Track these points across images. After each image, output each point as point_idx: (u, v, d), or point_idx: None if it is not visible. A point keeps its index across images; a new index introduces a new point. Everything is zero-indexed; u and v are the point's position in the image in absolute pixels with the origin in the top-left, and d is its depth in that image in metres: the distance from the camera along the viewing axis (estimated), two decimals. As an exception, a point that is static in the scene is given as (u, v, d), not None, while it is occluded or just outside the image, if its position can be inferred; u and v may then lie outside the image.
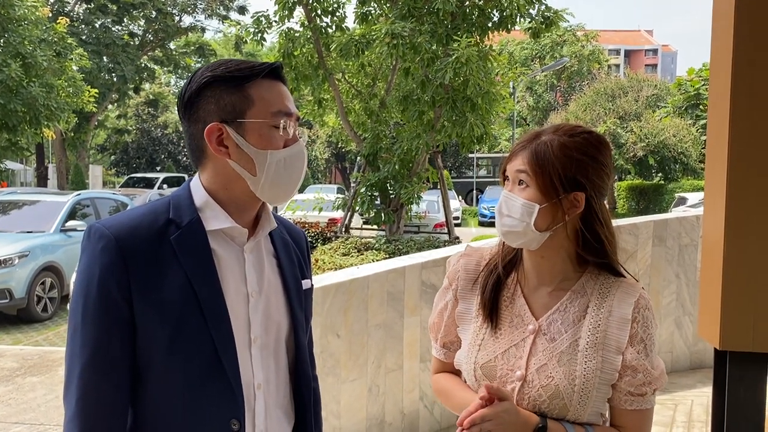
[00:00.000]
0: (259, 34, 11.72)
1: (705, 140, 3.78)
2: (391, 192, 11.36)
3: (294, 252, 1.38)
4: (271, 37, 12.16)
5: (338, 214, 13.62)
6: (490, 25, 11.18)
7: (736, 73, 3.74)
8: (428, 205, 13.56)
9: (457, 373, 1.50)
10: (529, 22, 11.44)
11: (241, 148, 1.22)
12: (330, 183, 36.85)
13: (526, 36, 12.77)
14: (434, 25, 10.57)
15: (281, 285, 1.31)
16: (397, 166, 10.86)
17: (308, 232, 12.13)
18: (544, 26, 11.33)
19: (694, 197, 17.75)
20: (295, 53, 11.36)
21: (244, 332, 1.23)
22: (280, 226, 1.37)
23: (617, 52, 56.45)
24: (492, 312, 1.41)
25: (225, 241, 1.25)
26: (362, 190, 11.45)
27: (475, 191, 28.78)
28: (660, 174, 25.16)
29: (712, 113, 4.02)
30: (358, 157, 12.83)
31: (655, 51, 61.62)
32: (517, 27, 11.80)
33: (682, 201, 18.05)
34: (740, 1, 3.55)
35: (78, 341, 1.16)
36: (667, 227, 5.10)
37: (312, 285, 1.43)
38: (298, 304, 1.32)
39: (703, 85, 24.22)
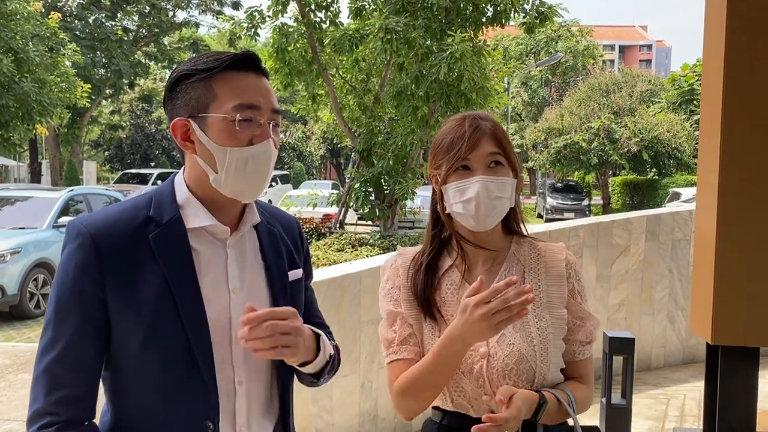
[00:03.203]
0: (253, 30, 11.70)
1: (699, 135, 3.78)
2: (385, 188, 11.36)
3: (282, 243, 1.34)
4: (265, 33, 12.18)
5: (333, 209, 13.60)
6: (484, 20, 11.17)
7: (728, 69, 3.73)
8: (423, 200, 13.58)
9: None
10: (524, 17, 11.44)
11: (203, 143, 1.19)
12: (325, 179, 36.82)
13: (520, 31, 12.75)
14: (428, 20, 10.55)
15: (266, 281, 1.29)
16: (391, 162, 10.86)
17: (303, 228, 12.11)
18: (538, 21, 11.33)
19: (687, 192, 17.81)
20: (289, 48, 11.33)
21: (225, 329, 1.22)
22: (269, 217, 1.35)
23: (612, 47, 56.51)
24: (432, 309, 1.45)
25: (206, 238, 1.23)
26: (356, 185, 11.44)
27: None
28: (654, 169, 25.22)
29: (705, 109, 4.01)
30: (353, 153, 12.81)
31: (649, 46, 61.72)
32: (511, 22, 11.80)
33: (676, 196, 18.11)
34: (732, -5, 3.50)
35: (49, 336, 1.16)
36: (660, 222, 5.11)
37: (304, 275, 1.39)
38: (283, 298, 1.29)
39: (697, 80, 24.29)
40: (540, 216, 25.30)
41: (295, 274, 1.34)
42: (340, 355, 1.40)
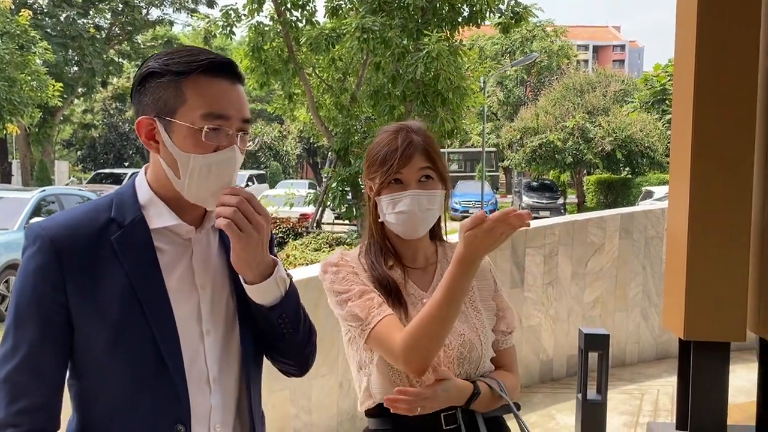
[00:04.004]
0: (228, 28, 11.63)
1: (671, 135, 3.84)
2: (362, 187, 11.35)
3: None
4: (241, 31, 12.07)
5: (310, 209, 13.57)
6: (460, 20, 11.24)
7: (699, 69, 3.79)
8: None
9: None
10: (499, 17, 11.53)
11: (167, 146, 1.17)
12: (301, 178, 36.69)
13: (496, 31, 12.85)
14: (404, 19, 10.58)
15: (229, 277, 1.27)
16: (368, 161, 10.86)
17: (279, 228, 12.08)
18: (513, 21, 11.43)
19: (660, 191, 18.09)
20: (265, 47, 11.28)
21: (195, 326, 1.21)
22: None
23: (585, 47, 57.13)
24: (396, 289, 1.51)
25: (170, 237, 1.21)
26: (334, 185, 11.43)
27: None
28: (627, 168, 25.58)
29: (677, 109, 4.08)
30: (330, 152, 12.79)
31: (622, 47, 62.52)
32: (487, 22, 11.88)
33: (649, 194, 18.39)
34: (702, -2, 3.55)
35: (9, 344, 1.13)
36: (634, 220, 5.19)
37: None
38: (246, 296, 1.26)
39: (669, 80, 24.66)
40: (516, 214, 25.45)
41: None
42: (305, 312, 1.33)
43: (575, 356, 4.01)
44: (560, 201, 25.25)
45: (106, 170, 25.51)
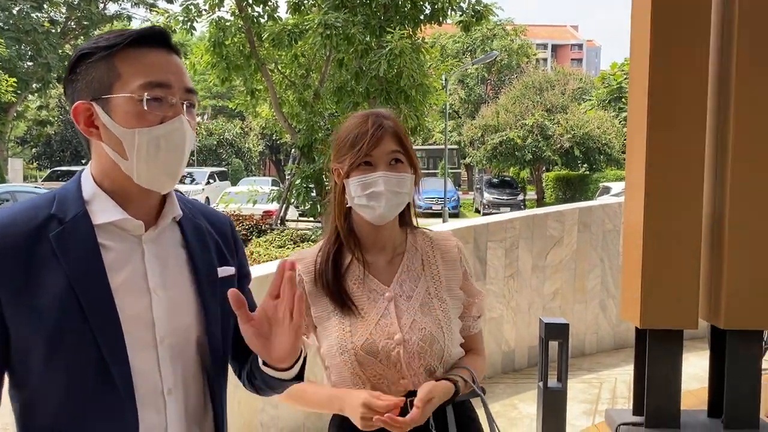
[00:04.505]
0: (189, 23, 11.47)
1: (626, 132, 3.95)
2: (326, 183, 11.35)
3: (210, 238, 1.23)
4: (201, 26, 11.91)
5: (273, 206, 13.51)
6: (422, 17, 11.31)
7: (653, 68, 3.93)
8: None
9: None
10: (460, 16, 11.64)
11: (109, 128, 1.08)
12: (264, 175, 36.37)
13: (457, 29, 12.97)
14: (367, 16, 10.61)
15: (190, 277, 1.17)
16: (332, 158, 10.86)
17: (243, 225, 11.99)
18: (474, 20, 11.55)
19: (617, 187, 18.51)
20: (227, 43, 11.17)
21: (147, 333, 1.10)
22: (194, 211, 1.24)
23: (544, 46, 57.97)
24: (345, 299, 1.53)
25: (118, 234, 1.11)
26: (297, 181, 11.40)
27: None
28: (585, 165, 26.10)
29: (632, 107, 4.22)
30: (293, 149, 12.74)
31: (580, 46, 63.62)
32: (448, 20, 11.98)
33: (606, 190, 18.79)
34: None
35: None
36: (592, 214, 5.33)
37: (236, 272, 1.28)
38: (212, 296, 1.18)
39: (625, 78, 25.22)
40: (477, 211, 25.77)
41: (226, 270, 1.23)
42: None
43: (536, 347, 4.11)
44: (520, 197, 25.63)
45: (63, 168, 24.90)
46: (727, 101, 3.50)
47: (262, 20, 11.39)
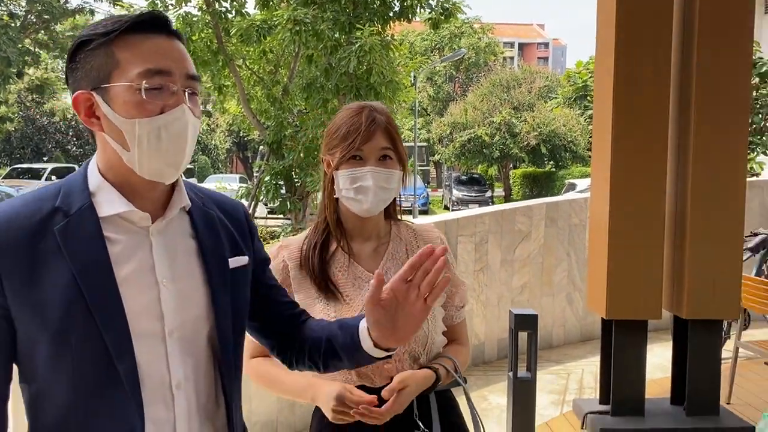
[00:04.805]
0: (155, 18, 11.30)
1: (591, 129, 4.04)
2: (296, 180, 11.33)
3: (222, 227, 1.20)
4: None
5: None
6: (391, 14, 11.34)
7: (618, 66, 4.03)
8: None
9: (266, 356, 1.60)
10: (429, 13, 11.71)
11: (109, 118, 1.05)
12: (231, 173, 36.03)
13: (425, 27, 13.04)
14: (336, 12, 10.60)
15: (201, 269, 1.15)
16: (302, 154, 10.83)
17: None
18: (443, 17, 11.63)
19: (583, 183, 18.81)
20: (194, 38, 11.06)
21: (156, 326, 1.08)
22: (205, 200, 1.22)
23: (511, 45, 58.53)
24: (330, 285, 1.55)
25: (124, 226, 1.09)
26: (266, 178, 11.34)
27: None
28: (551, 162, 26.48)
29: (597, 105, 4.32)
30: (261, 146, 12.67)
31: (546, 44, 64.41)
32: (417, 17, 12.05)
33: (572, 187, 19.08)
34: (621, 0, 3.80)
35: None
36: (559, 209, 5.44)
37: (259, 261, 1.27)
38: (222, 287, 1.16)
39: (591, 77, 25.60)
40: (446, 208, 25.96)
41: (238, 261, 1.20)
42: None
43: (505, 339, 4.19)
44: (488, 194, 25.90)
45: (24, 165, 24.32)
46: (688, 102, 3.61)
47: (230, 16, 11.29)
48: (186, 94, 1.07)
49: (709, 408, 3.64)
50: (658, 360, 4.55)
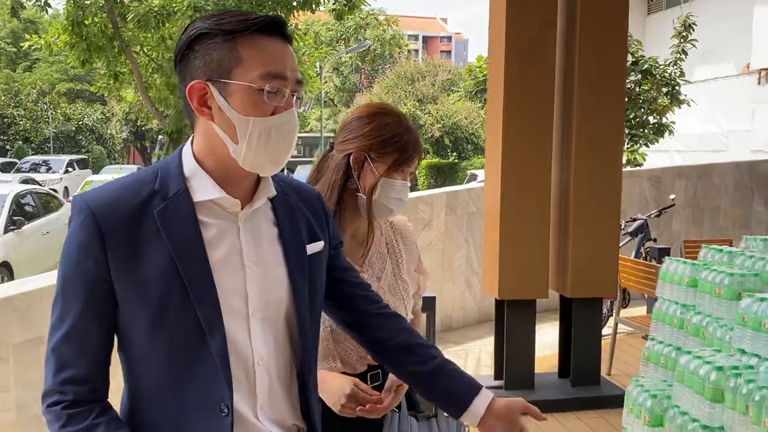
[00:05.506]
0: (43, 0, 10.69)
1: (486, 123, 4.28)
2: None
3: (300, 215, 1.27)
4: (57, 3, 11.14)
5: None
6: (294, 3, 11.28)
7: (509, 62, 4.27)
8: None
9: None
10: (333, 4, 11.73)
11: (223, 111, 1.11)
12: (129, 163, 34.56)
13: (331, 17, 13.06)
14: (239, 0, 10.43)
15: (282, 255, 1.21)
16: (204, 145, 10.60)
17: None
18: (347, 8, 11.69)
19: (483, 174, 19.46)
20: (87, 22, 10.53)
21: (241, 306, 1.16)
22: (285, 188, 1.28)
23: (416, 37, 59.40)
24: None
25: (216, 212, 1.16)
26: (167, 169, 11.01)
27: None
28: (455, 153, 27.23)
29: (491, 101, 4.57)
30: (161, 135, 12.30)
31: (449, 38, 65.82)
32: (321, 8, 12.05)
33: (474, 177, 19.73)
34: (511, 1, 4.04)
35: (57, 313, 1.13)
36: (458, 198, 5.70)
37: (328, 243, 1.33)
38: (300, 273, 1.23)
39: (490, 71, 26.53)
40: (353, 198, 26.10)
41: (314, 247, 1.27)
42: None
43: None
44: (394, 184, 26.25)
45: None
46: (571, 98, 3.91)
47: (126, 0, 10.85)
48: (294, 98, 1.15)
49: (591, 379, 3.98)
50: (549, 339, 4.88)
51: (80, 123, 32.46)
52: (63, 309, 1.12)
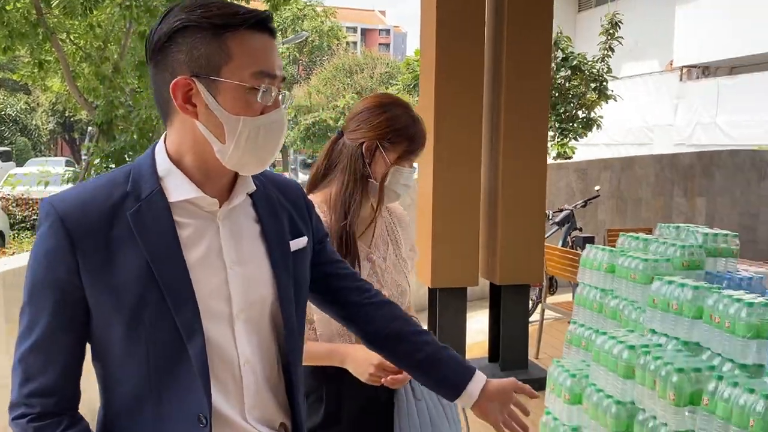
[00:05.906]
0: (-42, -18, 10.15)
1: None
2: (129, 162, 10.78)
3: (283, 209, 1.24)
4: (-25, -14, 10.58)
5: (69, 187, 12.49)
6: (230, -7, 11.10)
7: (439, 57, 4.37)
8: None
9: None
10: (269, -6, 11.60)
11: (211, 109, 1.06)
12: (56, 155, 33.20)
13: (267, 7, 12.89)
14: (171, -11, 10.18)
15: (265, 252, 1.18)
16: (135, 136, 10.30)
17: (34, 209, 11.00)
18: (282, -1, 11.57)
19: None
20: (8, 8, 10.07)
21: (224, 308, 1.12)
22: (264, 182, 1.24)
23: (354, 30, 59.29)
24: (351, 246, 1.71)
25: (192, 211, 1.11)
26: (96, 161, 10.66)
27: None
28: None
29: (422, 98, 4.66)
30: (90, 127, 11.91)
31: (387, 31, 66.00)
32: (257, -2, 11.89)
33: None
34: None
35: (25, 322, 1.08)
36: (394, 190, 5.77)
37: (312, 237, 1.30)
38: (284, 270, 1.19)
39: (428, 65, 26.79)
40: (291, 191, 25.94)
41: (297, 243, 1.23)
42: None
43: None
44: (333, 177, 26.21)
45: None
46: (499, 90, 4.02)
47: (51, -15, 10.41)
48: (281, 96, 1.11)
49: (519, 363, 4.12)
50: (481, 326, 5.01)
51: (2, 113, 30.97)
52: (31, 317, 1.07)
